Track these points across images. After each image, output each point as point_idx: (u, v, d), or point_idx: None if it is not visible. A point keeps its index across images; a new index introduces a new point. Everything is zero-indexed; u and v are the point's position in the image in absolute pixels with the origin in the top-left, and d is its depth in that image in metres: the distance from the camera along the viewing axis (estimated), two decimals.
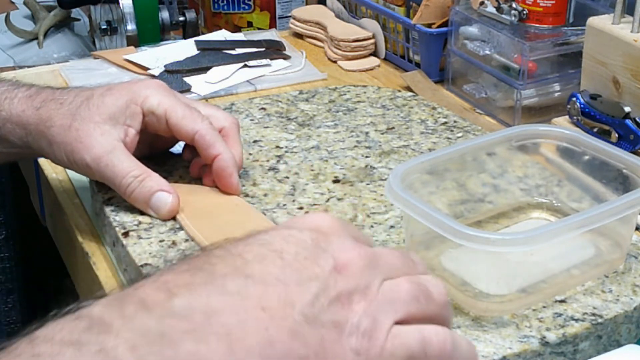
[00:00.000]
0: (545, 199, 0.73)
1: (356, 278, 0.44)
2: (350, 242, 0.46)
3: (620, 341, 0.60)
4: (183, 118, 0.70)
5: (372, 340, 0.43)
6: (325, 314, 0.43)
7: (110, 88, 0.72)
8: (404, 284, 0.45)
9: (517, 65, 0.95)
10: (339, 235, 0.46)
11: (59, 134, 0.70)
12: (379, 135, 0.86)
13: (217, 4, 1.28)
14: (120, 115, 0.70)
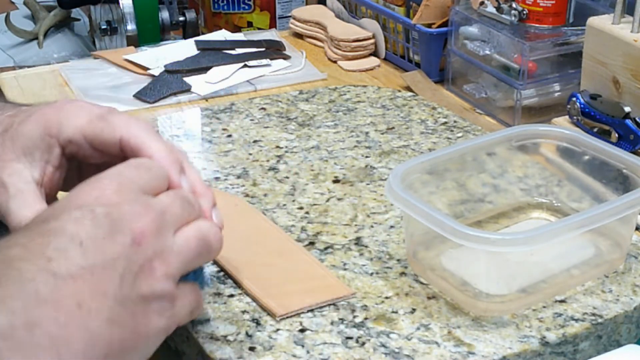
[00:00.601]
0: (545, 199, 0.73)
1: (153, 244, 0.48)
2: (139, 206, 0.48)
3: (620, 341, 0.60)
4: (102, 130, 0.58)
5: (173, 302, 0.49)
6: (133, 290, 0.46)
7: (30, 114, 0.60)
8: (192, 242, 0.50)
9: (517, 65, 0.95)
10: (129, 200, 0.48)
11: None
12: (379, 135, 0.86)
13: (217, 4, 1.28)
14: (36, 150, 0.59)
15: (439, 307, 0.60)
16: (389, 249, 0.67)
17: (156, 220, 0.48)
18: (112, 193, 0.48)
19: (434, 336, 0.57)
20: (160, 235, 0.48)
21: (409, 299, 0.61)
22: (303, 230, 0.69)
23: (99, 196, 0.48)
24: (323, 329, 0.58)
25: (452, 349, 0.56)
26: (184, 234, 0.50)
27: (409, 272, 0.64)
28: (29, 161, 0.59)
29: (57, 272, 0.44)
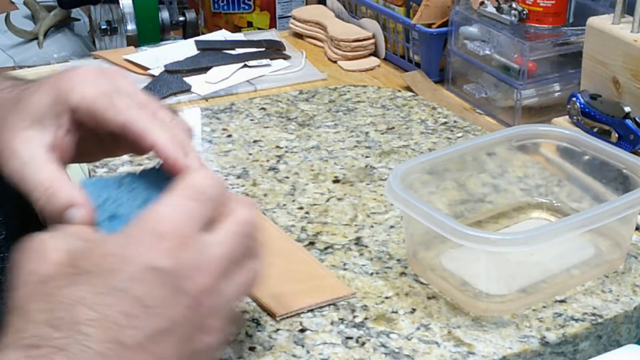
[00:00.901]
0: (545, 199, 0.73)
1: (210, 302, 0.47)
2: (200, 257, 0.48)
3: (620, 341, 0.60)
4: (106, 110, 0.58)
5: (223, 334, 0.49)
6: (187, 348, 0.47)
7: (40, 85, 0.61)
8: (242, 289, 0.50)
9: (517, 65, 0.95)
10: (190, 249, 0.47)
11: None
12: (379, 135, 0.86)
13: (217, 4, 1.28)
14: (45, 117, 0.59)
15: (439, 307, 0.60)
16: (389, 249, 0.67)
17: (216, 274, 0.48)
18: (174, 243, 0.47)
19: (434, 336, 0.57)
20: (218, 290, 0.48)
21: (409, 299, 0.61)
22: (303, 230, 0.69)
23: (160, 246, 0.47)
24: (323, 329, 0.58)
25: (452, 349, 0.56)
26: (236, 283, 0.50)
27: (409, 272, 0.64)
28: (39, 128, 0.59)
29: (126, 342, 0.44)
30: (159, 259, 0.46)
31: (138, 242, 0.47)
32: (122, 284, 0.45)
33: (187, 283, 0.46)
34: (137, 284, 0.45)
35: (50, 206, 0.57)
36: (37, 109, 0.59)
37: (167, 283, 0.46)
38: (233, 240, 0.50)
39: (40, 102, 0.59)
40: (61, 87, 0.60)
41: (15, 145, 0.59)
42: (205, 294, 0.47)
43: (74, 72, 0.60)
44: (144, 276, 0.46)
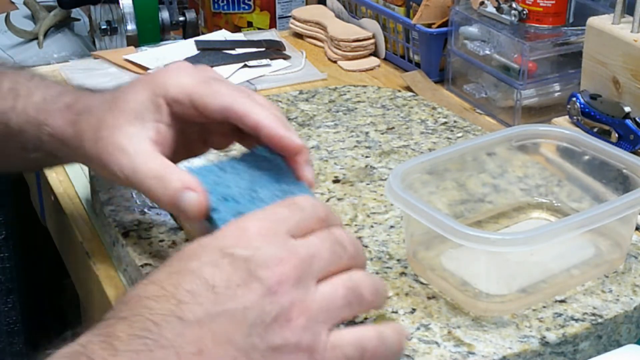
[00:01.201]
0: (545, 199, 0.73)
1: (291, 293, 0.46)
2: (283, 251, 0.47)
3: (620, 341, 0.60)
4: (206, 95, 0.60)
5: (313, 355, 0.46)
6: (263, 341, 0.45)
7: (133, 84, 0.63)
8: (339, 290, 0.48)
9: (517, 65, 0.95)
10: (273, 242, 0.47)
11: (90, 148, 0.62)
12: (379, 135, 0.86)
13: (217, 4, 1.28)
14: (146, 112, 0.61)
15: (439, 307, 0.60)
16: (389, 249, 0.67)
17: (298, 267, 0.47)
18: (257, 235, 0.47)
19: (434, 336, 0.57)
20: (301, 284, 0.46)
21: (409, 299, 0.61)
22: None
23: (242, 238, 0.47)
24: None
25: (452, 349, 0.56)
26: (331, 281, 0.48)
27: (409, 272, 0.64)
28: (139, 124, 0.60)
29: (184, 317, 0.45)
30: (235, 247, 0.47)
31: (222, 235, 0.48)
32: (194, 266, 0.46)
33: (262, 271, 0.46)
34: (208, 267, 0.46)
35: (165, 191, 0.58)
36: (135, 106, 0.61)
37: (240, 268, 0.46)
38: (323, 245, 0.49)
39: (137, 99, 0.61)
40: (157, 81, 0.62)
41: (119, 141, 0.60)
42: (285, 285, 0.46)
43: (166, 68, 0.63)
44: (217, 261, 0.46)
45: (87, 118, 0.63)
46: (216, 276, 0.46)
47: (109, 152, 0.60)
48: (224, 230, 0.49)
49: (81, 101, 0.65)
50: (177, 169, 0.59)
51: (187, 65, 0.63)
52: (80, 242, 0.75)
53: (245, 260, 0.46)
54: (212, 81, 0.61)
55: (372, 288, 0.49)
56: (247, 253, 0.46)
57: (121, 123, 0.61)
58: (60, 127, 0.64)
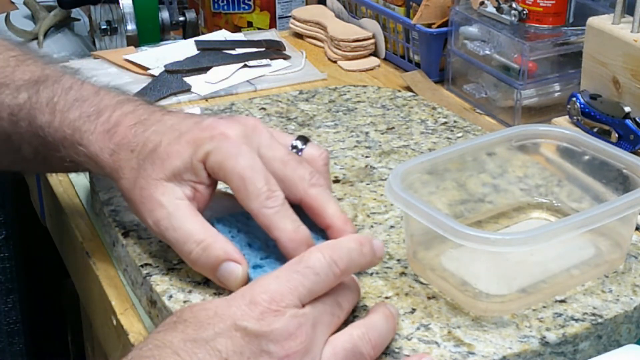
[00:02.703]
0: (545, 199, 0.73)
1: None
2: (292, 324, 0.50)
3: (620, 341, 0.60)
4: (238, 191, 0.60)
5: None
6: None
7: (181, 135, 0.62)
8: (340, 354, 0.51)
9: (517, 65, 0.95)
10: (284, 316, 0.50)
11: (126, 189, 0.63)
12: (379, 135, 0.86)
13: (217, 4, 1.28)
14: (185, 172, 0.61)
15: (439, 307, 0.60)
16: (389, 249, 0.67)
17: (305, 342, 0.50)
18: (268, 309, 0.50)
19: (434, 336, 0.57)
20: (307, 356, 0.50)
21: (409, 299, 0.61)
22: None
23: (254, 311, 0.50)
24: None
25: (452, 349, 0.56)
26: (332, 347, 0.52)
27: (409, 272, 0.64)
28: (178, 180, 0.61)
29: None
30: (247, 320, 0.49)
31: (235, 305, 0.50)
32: (208, 336, 0.49)
33: (272, 346, 0.49)
34: (222, 339, 0.49)
35: (206, 259, 0.59)
36: (175, 164, 0.61)
37: (252, 342, 0.49)
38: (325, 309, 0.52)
39: (180, 158, 0.61)
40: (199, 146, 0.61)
41: (158, 196, 0.61)
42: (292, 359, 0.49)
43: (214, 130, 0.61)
44: (230, 333, 0.49)
45: (127, 157, 0.63)
46: (229, 348, 0.48)
47: (142, 202, 0.61)
48: (235, 298, 0.51)
49: (120, 132, 0.64)
50: (220, 236, 0.60)
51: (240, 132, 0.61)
52: (80, 242, 0.75)
53: (257, 335, 0.49)
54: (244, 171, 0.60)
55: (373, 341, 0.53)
56: (258, 328, 0.49)
57: (159, 176, 0.61)
58: (97, 153, 0.64)
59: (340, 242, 0.54)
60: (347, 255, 0.53)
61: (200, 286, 0.62)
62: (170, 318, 0.52)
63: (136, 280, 0.66)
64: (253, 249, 0.62)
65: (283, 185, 0.60)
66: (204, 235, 0.59)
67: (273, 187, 0.59)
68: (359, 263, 0.55)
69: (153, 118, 0.64)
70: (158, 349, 0.48)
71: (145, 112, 0.65)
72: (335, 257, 0.53)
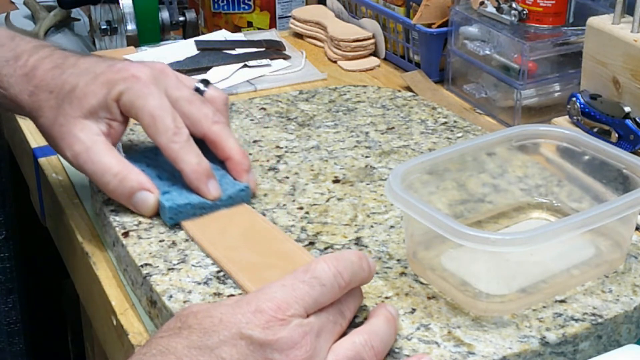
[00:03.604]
0: (545, 199, 0.73)
1: None
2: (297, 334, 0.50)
3: (620, 341, 0.60)
4: (148, 127, 0.68)
5: None
6: None
7: (96, 77, 0.69)
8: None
9: (517, 65, 0.95)
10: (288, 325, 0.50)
11: (45, 127, 0.70)
12: (379, 135, 0.86)
13: (217, 4, 1.28)
14: (101, 110, 0.69)
15: (439, 307, 0.60)
16: (389, 249, 0.67)
17: (310, 351, 0.50)
18: (274, 318, 0.50)
19: (434, 336, 0.57)
20: None
21: (409, 299, 0.61)
22: (303, 230, 0.69)
23: (260, 319, 0.50)
24: None
25: (452, 349, 0.56)
26: (335, 355, 0.52)
27: (409, 272, 0.64)
28: (94, 118, 0.69)
29: None
30: (253, 329, 0.49)
31: (241, 312, 0.50)
32: (212, 343, 0.49)
33: (277, 355, 0.49)
34: (226, 347, 0.48)
35: (123, 189, 0.68)
36: (91, 103, 0.69)
37: (256, 351, 0.49)
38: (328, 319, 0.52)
39: (95, 97, 0.69)
40: (112, 87, 0.69)
41: (76, 131, 0.68)
42: None
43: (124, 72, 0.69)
44: (235, 341, 0.49)
45: (46, 97, 0.70)
46: (234, 357, 0.48)
47: (62, 138, 0.69)
48: (240, 305, 0.51)
49: (38, 75, 0.71)
50: (134, 168, 0.69)
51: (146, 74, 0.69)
52: (80, 242, 0.75)
53: (262, 344, 0.49)
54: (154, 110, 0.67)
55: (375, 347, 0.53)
56: (263, 336, 0.49)
57: (77, 114, 0.68)
58: (16, 94, 0.71)
59: (343, 254, 0.54)
60: (350, 268, 0.54)
61: (200, 286, 0.62)
62: (174, 322, 0.51)
63: (136, 280, 0.66)
64: (162, 179, 0.70)
65: (188, 122, 0.69)
66: (119, 167, 0.68)
67: (179, 124, 0.68)
68: (360, 277, 0.55)
69: (68, 62, 0.71)
70: (162, 355, 0.48)
71: (60, 56, 0.72)
72: (341, 268, 0.53)
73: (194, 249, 0.66)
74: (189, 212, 0.68)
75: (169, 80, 0.70)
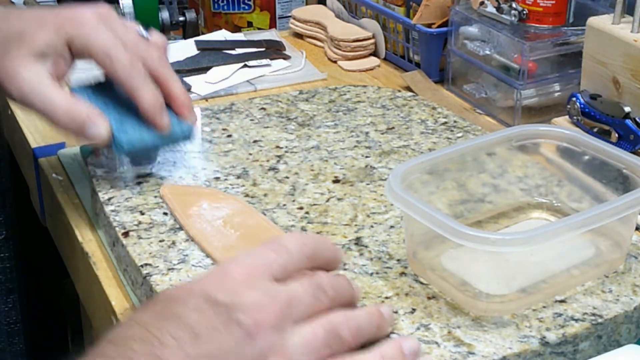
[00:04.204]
0: (545, 199, 0.73)
1: (270, 338, 0.48)
2: (264, 297, 0.49)
3: (620, 341, 0.60)
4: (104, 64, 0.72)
5: None
6: None
7: (43, 22, 0.72)
8: (318, 333, 0.50)
9: (517, 65, 0.95)
10: (256, 286, 0.50)
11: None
12: (379, 135, 0.86)
13: (217, 4, 1.28)
14: (48, 52, 0.71)
15: (439, 307, 0.60)
16: (389, 249, 0.67)
17: (278, 313, 0.49)
18: (240, 282, 0.50)
19: (434, 336, 0.57)
20: (280, 329, 0.49)
21: (409, 299, 0.61)
22: (303, 230, 0.69)
23: (226, 283, 0.50)
24: None
25: (452, 349, 0.56)
26: (310, 324, 0.50)
27: (409, 272, 0.64)
28: (42, 60, 0.71)
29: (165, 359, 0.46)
30: (218, 292, 0.49)
31: (207, 279, 0.51)
32: (179, 311, 0.48)
33: (242, 315, 0.48)
34: (192, 313, 0.48)
35: (74, 122, 0.71)
36: (40, 45, 0.71)
37: (222, 314, 0.48)
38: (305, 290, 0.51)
39: (44, 40, 0.71)
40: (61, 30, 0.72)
41: (23, 72, 0.70)
42: (263, 330, 0.48)
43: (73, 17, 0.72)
44: (200, 306, 0.48)
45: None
46: (200, 322, 0.48)
47: (8, 79, 0.71)
48: (209, 273, 0.51)
49: None
50: (82, 101, 0.72)
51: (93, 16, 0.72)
52: (80, 242, 0.75)
53: (227, 306, 0.48)
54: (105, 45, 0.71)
55: (353, 329, 0.51)
56: (229, 299, 0.48)
57: (23, 55, 0.71)
58: None
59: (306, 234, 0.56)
60: (315, 242, 0.55)
61: None
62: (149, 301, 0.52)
63: (136, 280, 0.66)
64: (109, 109, 0.73)
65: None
66: (69, 103, 0.71)
67: (134, 60, 0.72)
68: (325, 256, 0.55)
69: (14, 13, 0.74)
70: (129, 327, 0.48)
71: (3, 9, 0.75)
72: (306, 241, 0.54)
73: (194, 249, 0.66)
74: (141, 143, 0.73)
75: (116, 23, 0.73)
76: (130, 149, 0.72)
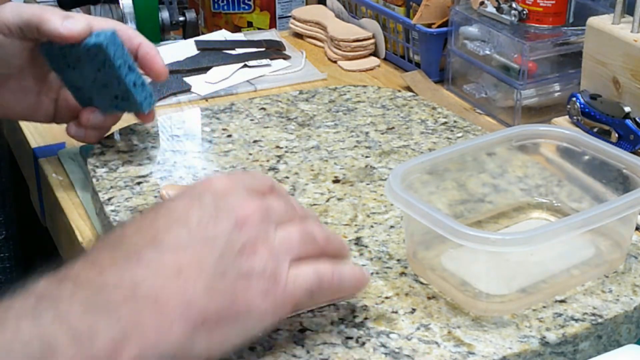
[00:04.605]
0: (545, 199, 0.73)
1: (256, 229, 0.52)
2: (244, 198, 0.53)
3: (620, 341, 0.60)
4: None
5: (277, 281, 0.51)
6: (233, 266, 0.50)
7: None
8: (294, 232, 0.54)
9: (517, 65, 0.95)
10: (235, 193, 0.53)
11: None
12: (379, 135, 0.86)
13: (217, 4, 1.28)
14: None
15: (439, 307, 0.60)
16: (389, 249, 0.67)
17: (260, 211, 0.52)
18: (221, 186, 0.53)
19: (434, 336, 0.57)
20: (263, 224, 0.52)
21: (409, 299, 0.61)
22: None
23: (209, 187, 0.53)
24: (323, 329, 0.58)
25: (452, 349, 0.56)
26: (286, 228, 0.53)
27: (409, 272, 0.64)
28: None
29: (160, 244, 0.50)
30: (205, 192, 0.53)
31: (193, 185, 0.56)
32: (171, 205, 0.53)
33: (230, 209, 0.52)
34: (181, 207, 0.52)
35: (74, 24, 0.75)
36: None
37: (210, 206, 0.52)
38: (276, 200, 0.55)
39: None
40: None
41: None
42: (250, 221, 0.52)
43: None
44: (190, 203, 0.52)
45: None
46: (190, 213, 0.51)
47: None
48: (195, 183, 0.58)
49: None
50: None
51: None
52: (80, 242, 0.75)
53: (213, 201, 0.52)
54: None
55: (324, 236, 0.55)
56: (215, 197, 0.52)
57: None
58: None
59: None
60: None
61: None
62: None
63: None
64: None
65: None
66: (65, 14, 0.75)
67: None
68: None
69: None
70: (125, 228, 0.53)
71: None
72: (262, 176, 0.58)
73: None
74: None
75: None
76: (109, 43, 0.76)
